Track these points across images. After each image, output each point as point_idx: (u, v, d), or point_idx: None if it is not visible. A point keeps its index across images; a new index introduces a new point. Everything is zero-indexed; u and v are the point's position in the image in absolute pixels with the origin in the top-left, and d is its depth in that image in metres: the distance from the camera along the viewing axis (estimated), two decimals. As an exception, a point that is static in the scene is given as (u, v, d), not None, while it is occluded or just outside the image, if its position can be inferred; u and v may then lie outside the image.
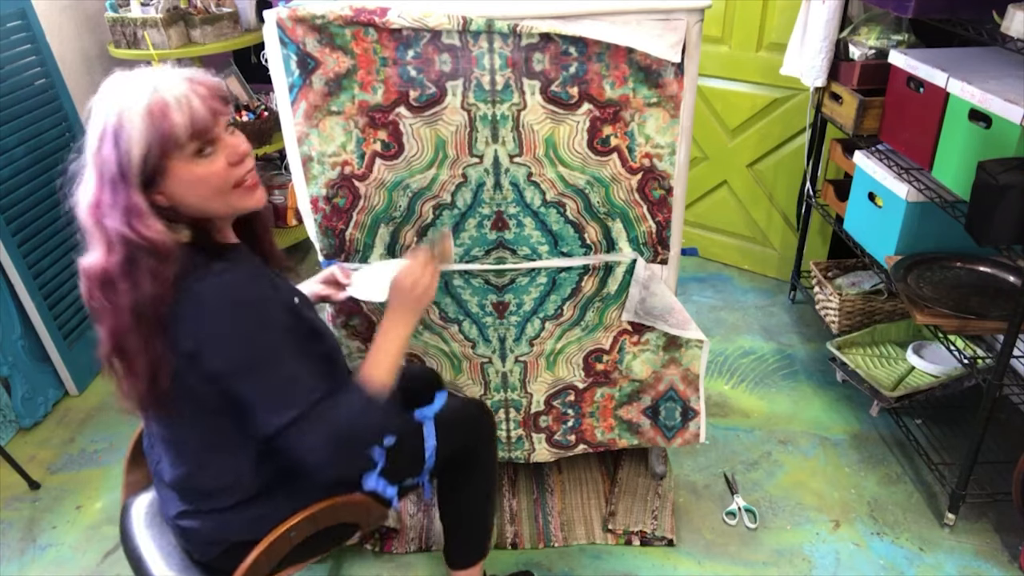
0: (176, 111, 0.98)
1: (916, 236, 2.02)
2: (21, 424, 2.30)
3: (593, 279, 1.68)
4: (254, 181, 1.10)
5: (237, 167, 1.06)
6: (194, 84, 1.02)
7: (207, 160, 1.03)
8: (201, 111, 1.00)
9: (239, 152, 1.06)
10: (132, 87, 0.99)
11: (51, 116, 2.43)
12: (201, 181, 1.03)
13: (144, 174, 0.99)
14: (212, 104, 1.02)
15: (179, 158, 1.01)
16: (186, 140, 0.99)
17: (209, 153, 1.03)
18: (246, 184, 1.08)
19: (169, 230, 1.02)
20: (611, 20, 1.41)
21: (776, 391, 2.40)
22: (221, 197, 1.06)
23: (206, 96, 1.02)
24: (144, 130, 0.97)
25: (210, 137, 1.02)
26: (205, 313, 1.01)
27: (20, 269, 2.23)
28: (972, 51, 1.98)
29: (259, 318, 1.04)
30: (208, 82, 1.05)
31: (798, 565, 1.81)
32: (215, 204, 1.06)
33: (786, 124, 2.74)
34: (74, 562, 1.87)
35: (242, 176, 1.07)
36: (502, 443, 1.89)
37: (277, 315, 1.07)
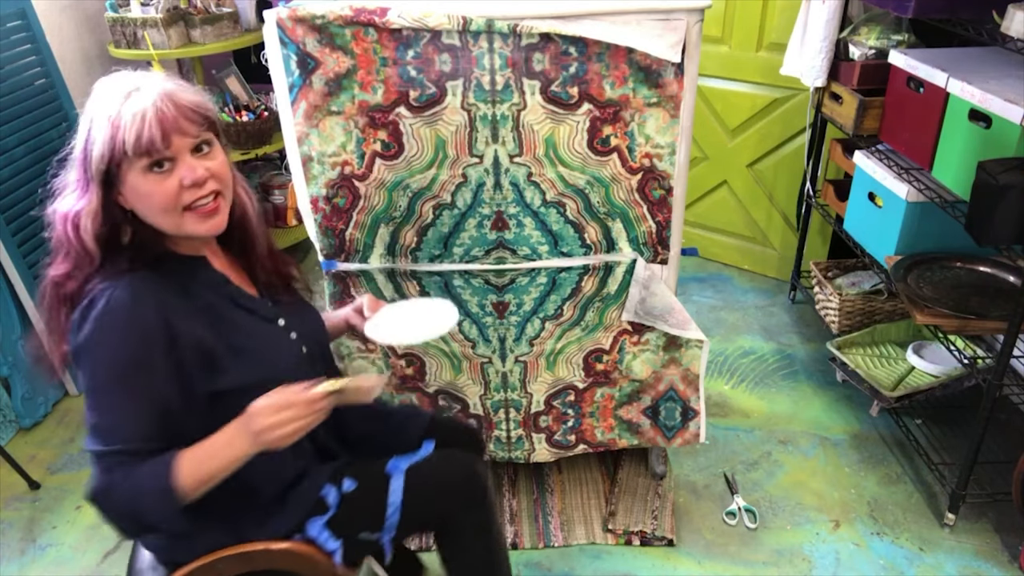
0: (128, 126, 0.98)
1: (916, 236, 2.02)
2: (21, 424, 2.30)
3: (593, 279, 1.68)
4: (210, 208, 1.07)
5: (189, 191, 1.04)
6: (164, 100, 1.01)
7: (157, 177, 1.02)
8: (150, 130, 0.98)
9: (193, 176, 1.03)
10: (109, 92, 1.02)
11: (51, 116, 2.43)
12: (147, 196, 1.02)
13: (101, 174, 1.01)
14: (177, 123, 1.01)
15: (131, 169, 1.01)
16: (132, 155, 0.99)
17: (162, 171, 1.02)
18: (199, 210, 1.06)
19: (111, 228, 1.04)
20: (611, 20, 1.41)
21: (776, 391, 2.40)
22: (167, 216, 1.04)
23: (169, 115, 1.00)
24: (103, 136, 1.00)
25: (160, 156, 1.01)
26: (82, 323, 1.01)
27: (20, 269, 2.23)
28: (972, 51, 1.98)
29: (116, 344, 1.00)
30: (183, 100, 1.03)
31: (798, 565, 1.81)
32: (162, 221, 1.05)
33: (786, 124, 2.74)
34: (74, 562, 1.87)
35: (193, 200, 1.04)
36: (502, 443, 1.89)
37: (137, 348, 1.00)
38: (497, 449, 1.90)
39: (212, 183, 1.06)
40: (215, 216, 1.08)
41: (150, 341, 1.01)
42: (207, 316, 1.09)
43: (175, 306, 1.05)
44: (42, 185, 1.12)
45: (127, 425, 1.00)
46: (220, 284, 1.15)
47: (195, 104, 1.04)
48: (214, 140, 1.09)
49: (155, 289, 1.04)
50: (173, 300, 1.05)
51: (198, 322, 1.07)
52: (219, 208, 1.09)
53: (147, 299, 1.02)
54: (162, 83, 1.03)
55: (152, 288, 1.04)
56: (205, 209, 1.06)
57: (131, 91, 1.01)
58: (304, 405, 1.01)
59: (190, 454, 1.01)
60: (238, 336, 1.12)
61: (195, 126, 1.03)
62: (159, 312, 1.02)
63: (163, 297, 1.04)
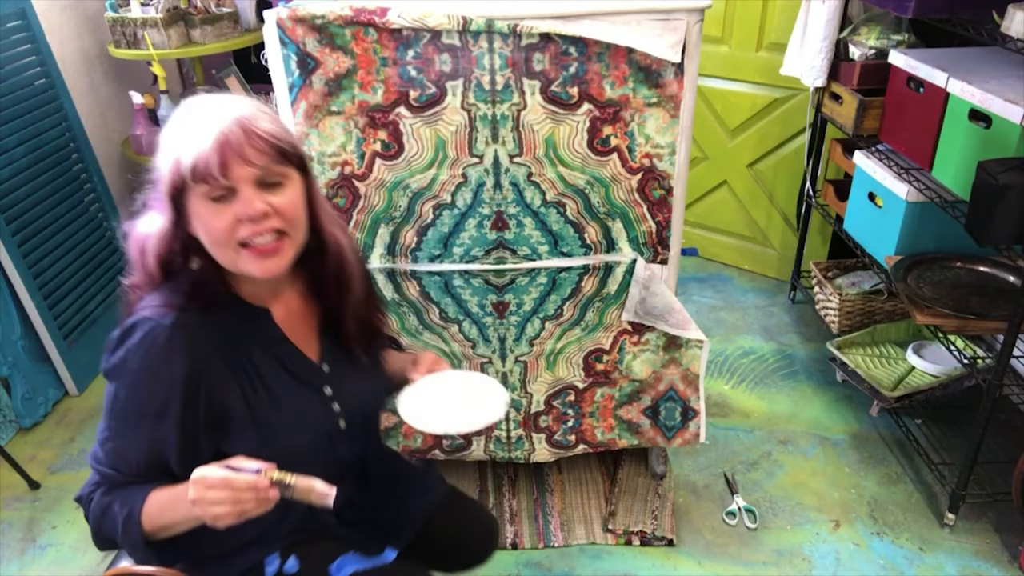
0: (189, 149, 0.91)
1: (916, 236, 2.02)
2: (21, 424, 2.30)
3: (593, 279, 1.68)
4: (268, 248, 0.96)
5: (245, 225, 0.94)
6: (234, 125, 0.92)
7: (216, 207, 0.94)
8: (208, 156, 0.90)
9: (249, 211, 0.93)
10: (187, 110, 0.96)
11: (51, 116, 2.43)
12: (204, 226, 0.95)
13: (170, 193, 0.95)
14: (241, 151, 0.92)
15: (193, 195, 0.94)
16: (189, 180, 0.92)
17: (222, 199, 0.94)
18: (256, 248, 0.96)
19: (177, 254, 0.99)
20: (611, 20, 1.41)
21: (776, 391, 2.40)
22: (222, 251, 0.97)
23: (234, 141, 0.92)
24: (169, 157, 0.93)
25: (216, 186, 0.92)
26: (116, 347, 0.98)
27: (20, 269, 2.23)
28: (972, 51, 1.98)
29: (136, 386, 0.97)
30: (255, 127, 0.93)
31: (798, 565, 1.81)
32: (219, 254, 0.97)
33: (786, 124, 2.74)
34: (74, 562, 1.87)
35: (247, 237, 0.95)
36: (502, 443, 1.89)
37: (154, 398, 0.96)
38: (497, 449, 1.90)
39: (273, 221, 0.96)
40: (274, 257, 0.98)
41: (169, 395, 0.96)
42: (242, 378, 1.02)
43: (211, 364, 0.99)
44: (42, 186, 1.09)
45: (127, 456, 0.99)
46: (273, 342, 1.07)
47: (269, 133, 0.94)
48: (291, 175, 0.98)
49: (197, 338, 0.97)
50: (211, 356, 0.99)
51: (229, 385, 1.01)
52: (280, 250, 0.98)
53: (181, 350, 0.96)
54: (241, 108, 0.95)
55: (193, 337, 0.97)
56: (263, 248, 0.96)
57: (206, 112, 0.94)
58: (245, 490, 0.90)
59: (158, 497, 0.97)
60: (266, 407, 1.04)
61: (263, 156, 0.94)
62: (190, 367, 0.96)
63: (202, 351, 0.98)
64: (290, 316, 1.10)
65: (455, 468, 2.06)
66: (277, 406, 1.05)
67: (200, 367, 0.97)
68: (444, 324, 1.73)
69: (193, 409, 0.97)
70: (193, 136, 0.92)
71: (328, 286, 1.11)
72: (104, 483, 1.01)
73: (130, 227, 1.02)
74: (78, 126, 2.55)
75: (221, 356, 1.00)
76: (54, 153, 2.43)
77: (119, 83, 2.98)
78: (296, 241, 1.01)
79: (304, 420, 1.09)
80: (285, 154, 0.96)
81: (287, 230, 0.98)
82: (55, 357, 2.39)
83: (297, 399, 1.08)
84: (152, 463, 0.99)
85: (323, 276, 1.09)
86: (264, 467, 0.92)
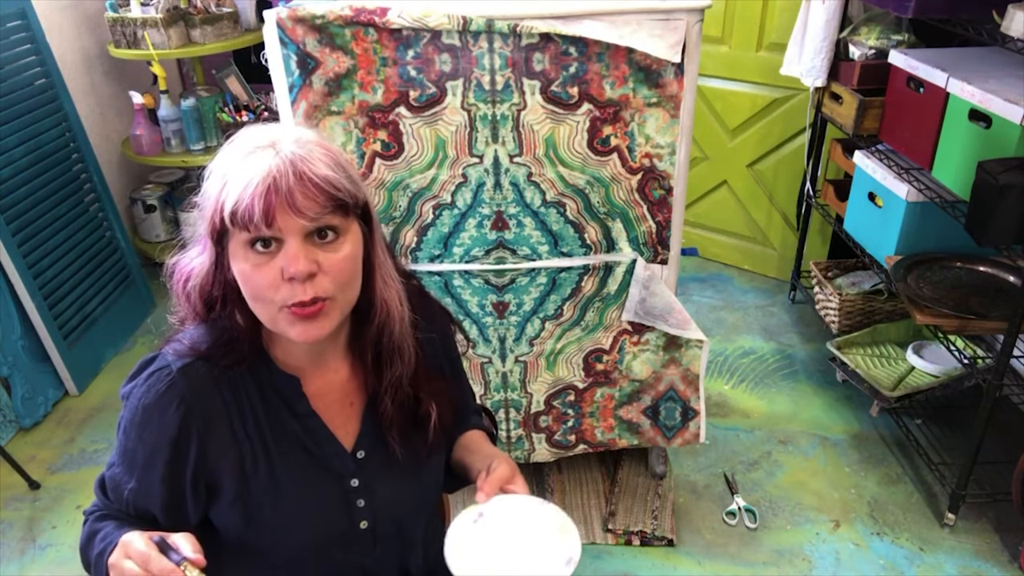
0: (233, 189, 0.79)
1: (916, 236, 2.02)
2: (21, 424, 2.30)
3: (593, 279, 1.68)
4: (308, 311, 0.82)
5: (288, 285, 0.81)
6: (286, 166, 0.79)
7: (257, 257, 0.81)
8: (252, 201, 0.78)
9: (294, 269, 0.79)
10: (239, 143, 0.84)
11: (51, 116, 2.43)
12: (244, 277, 0.83)
13: (212, 233, 0.84)
14: (291, 198, 0.78)
15: (233, 239, 0.82)
16: (229, 225, 0.80)
17: (266, 251, 0.81)
18: (295, 309, 0.82)
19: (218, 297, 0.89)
20: (611, 20, 1.41)
21: (776, 391, 2.40)
22: (261, 307, 0.84)
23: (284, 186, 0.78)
24: (212, 194, 0.82)
25: (258, 234, 0.80)
26: (135, 374, 0.92)
27: (20, 269, 2.23)
28: (972, 51, 1.98)
29: (129, 427, 0.89)
30: (310, 171, 0.80)
31: (798, 565, 1.81)
32: (257, 308, 0.85)
33: (786, 124, 2.74)
34: (74, 562, 1.87)
35: (287, 299, 0.81)
36: (502, 443, 1.89)
37: (142, 445, 0.88)
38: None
39: (320, 282, 0.82)
40: (315, 321, 0.83)
41: (157, 444, 0.88)
42: (246, 449, 0.90)
43: (211, 424, 0.88)
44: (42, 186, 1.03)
45: (120, 488, 0.92)
46: (296, 417, 0.93)
47: (325, 179, 0.80)
48: (348, 228, 0.84)
49: (202, 393, 0.88)
50: (215, 416, 0.89)
51: (227, 453, 0.89)
52: (322, 312, 0.83)
53: (178, 401, 0.87)
54: (300, 146, 0.81)
55: (199, 390, 0.88)
56: (303, 311, 0.82)
57: (259, 147, 0.81)
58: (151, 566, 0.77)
59: (126, 542, 0.83)
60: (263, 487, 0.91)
61: (316, 205, 0.79)
62: (184, 421, 0.87)
63: (204, 407, 0.88)
64: (328, 390, 0.96)
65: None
66: (278, 489, 0.91)
67: (196, 424, 0.87)
68: (444, 324, 1.73)
69: (179, 467, 0.88)
70: (239, 175, 0.79)
71: (365, 357, 0.96)
72: (102, 509, 0.96)
73: (175, 261, 0.91)
74: (78, 126, 2.55)
75: (228, 419, 0.89)
76: (54, 153, 2.43)
77: (119, 83, 2.99)
78: (343, 305, 0.87)
79: (308, 512, 0.94)
80: (343, 205, 0.82)
81: (334, 295, 0.84)
82: (55, 357, 2.39)
83: (308, 486, 0.93)
84: (140, 506, 0.91)
85: (363, 342, 0.95)
86: (193, 560, 0.78)
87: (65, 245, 2.43)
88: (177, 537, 0.80)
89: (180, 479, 0.89)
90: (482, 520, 0.95)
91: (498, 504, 0.96)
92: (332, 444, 0.95)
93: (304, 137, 0.83)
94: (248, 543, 0.90)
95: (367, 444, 0.97)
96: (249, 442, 0.90)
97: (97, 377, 2.55)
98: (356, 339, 0.96)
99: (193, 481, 0.89)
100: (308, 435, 0.93)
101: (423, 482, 1.03)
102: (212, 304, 0.90)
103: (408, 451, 0.98)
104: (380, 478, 0.97)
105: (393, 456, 0.97)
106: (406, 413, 0.98)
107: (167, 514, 0.90)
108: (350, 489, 0.95)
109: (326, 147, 0.84)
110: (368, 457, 0.97)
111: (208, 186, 0.83)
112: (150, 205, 2.95)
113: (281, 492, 0.92)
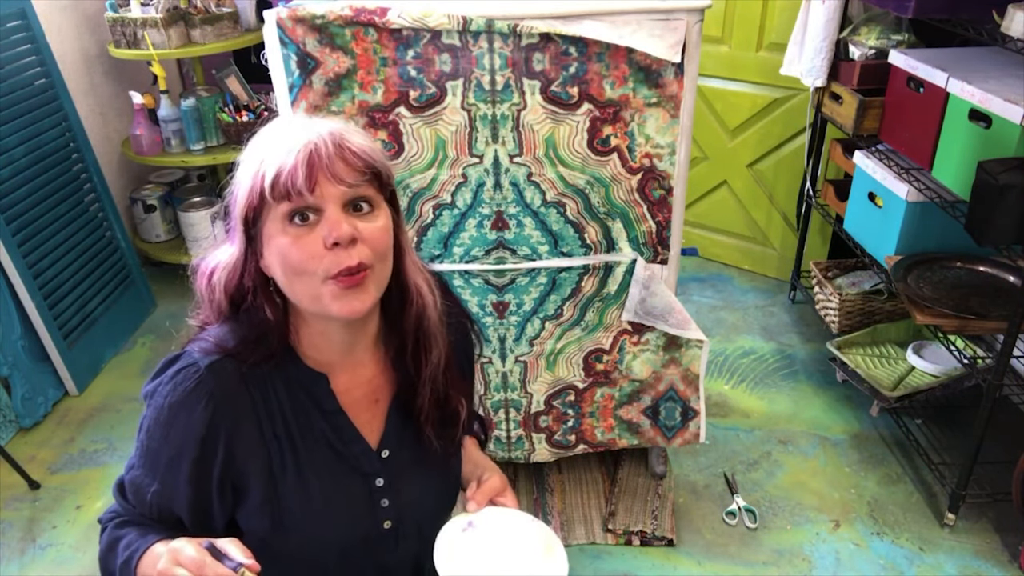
0: (272, 162, 0.80)
1: (916, 236, 2.02)
2: (21, 424, 2.30)
3: (593, 279, 1.68)
4: (349, 282, 0.81)
5: (332, 254, 0.80)
6: (324, 138, 0.81)
7: (297, 230, 0.81)
8: (294, 168, 0.79)
9: (337, 233, 0.79)
10: (271, 128, 0.85)
11: (51, 116, 2.43)
12: (283, 254, 0.82)
13: (243, 223, 0.84)
14: (331, 166, 0.80)
15: (270, 217, 0.82)
16: (271, 198, 0.80)
17: (305, 223, 0.81)
18: (339, 279, 0.81)
19: (247, 293, 0.88)
20: (611, 20, 1.41)
21: (776, 391, 2.40)
22: (304, 283, 0.83)
23: (324, 153, 0.80)
24: (247, 174, 0.83)
25: (302, 203, 0.80)
26: (158, 373, 0.90)
27: (20, 269, 2.23)
28: (972, 51, 1.98)
29: (153, 427, 0.88)
30: (347, 141, 0.82)
31: (798, 565, 1.81)
32: (299, 289, 0.84)
33: (786, 124, 2.74)
34: (74, 562, 1.87)
35: (330, 269, 0.81)
36: (502, 443, 1.89)
37: (167, 445, 0.87)
38: (497, 449, 1.90)
39: (361, 250, 0.82)
40: (358, 293, 0.83)
41: (184, 444, 0.86)
42: (274, 448, 0.89)
43: (239, 422, 0.87)
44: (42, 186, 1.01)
45: (142, 492, 0.90)
46: (324, 415, 0.92)
47: (362, 149, 0.83)
48: (380, 203, 0.85)
49: (231, 391, 0.86)
50: (243, 414, 0.87)
51: (255, 453, 0.88)
52: (364, 282, 0.83)
53: (207, 399, 0.85)
54: (332, 123, 0.84)
55: (227, 388, 0.86)
56: (350, 280, 0.81)
57: (293, 126, 0.83)
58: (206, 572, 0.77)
59: (153, 552, 0.85)
60: (292, 487, 0.90)
61: (355, 173, 0.81)
62: (213, 419, 0.85)
63: (233, 406, 0.87)
64: (355, 387, 0.95)
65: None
66: (305, 488, 0.90)
67: (224, 423, 0.86)
68: (444, 324, 1.73)
69: (207, 466, 0.87)
70: (278, 148, 0.81)
71: (404, 345, 0.94)
72: (122, 514, 0.94)
73: (199, 259, 0.91)
74: (78, 126, 2.55)
75: (256, 418, 0.88)
76: (54, 153, 2.43)
77: (119, 83, 2.99)
78: (381, 279, 0.86)
79: (336, 513, 0.93)
80: (378, 176, 0.84)
81: (373, 263, 0.83)
82: (55, 357, 2.39)
83: (334, 484, 0.93)
84: (164, 508, 0.90)
85: (401, 335, 0.94)
86: (249, 565, 0.77)
87: (65, 245, 2.43)
88: (225, 543, 0.79)
89: (207, 479, 0.87)
90: (471, 529, 0.95)
91: (488, 515, 0.97)
92: (359, 443, 0.94)
93: (335, 120, 0.86)
94: (273, 544, 0.89)
95: (392, 443, 0.97)
96: (277, 442, 0.89)
97: (97, 377, 2.55)
98: (392, 328, 0.95)
99: (220, 482, 0.88)
100: (335, 433, 0.93)
101: (447, 482, 1.03)
102: (237, 299, 0.89)
103: (439, 448, 0.98)
104: (405, 477, 0.97)
105: (417, 455, 0.97)
106: (439, 408, 0.97)
107: (193, 516, 0.89)
108: (375, 489, 0.95)
109: (356, 128, 0.86)
110: (393, 456, 0.96)
111: (240, 173, 0.83)
112: (150, 205, 2.95)
113: (309, 492, 0.91)
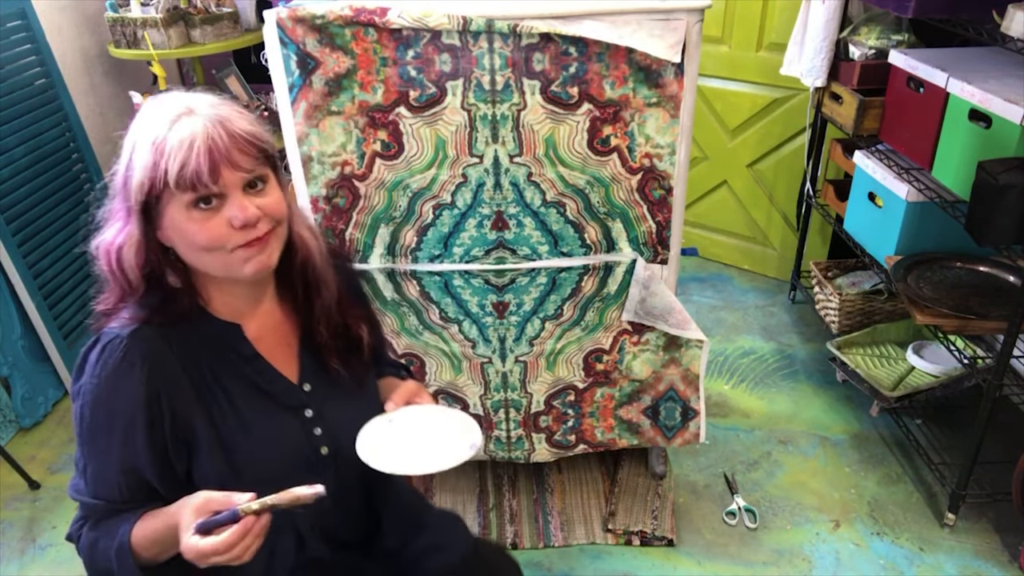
0: (173, 153, 0.85)
1: (916, 236, 2.02)
2: (21, 424, 2.30)
3: (593, 279, 1.68)
4: (258, 245, 0.92)
5: (240, 232, 0.90)
6: (217, 127, 0.87)
7: (202, 214, 0.89)
8: (197, 161, 0.85)
9: (244, 216, 0.89)
10: (157, 113, 0.90)
11: (51, 116, 2.43)
12: (189, 234, 0.89)
13: (141, 205, 0.89)
14: (229, 155, 0.88)
15: (173, 203, 0.88)
16: (175, 188, 0.86)
17: (208, 207, 0.89)
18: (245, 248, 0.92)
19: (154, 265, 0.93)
20: (611, 20, 1.41)
21: (776, 391, 2.40)
22: (213, 256, 0.92)
23: (221, 145, 0.87)
24: (145, 162, 0.87)
25: (206, 192, 0.87)
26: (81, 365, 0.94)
27: (20, 269, 2.23)
28: (972, 51, 1.98)
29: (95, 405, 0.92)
30: (237, 129, 0.89)
31: (798, 565, 1.81)
32: (207, 260, 0.92)
33: (786, 124, 2.74)
34: (74, 562, 1.87)
35: (242, 242, 0.91)
36: (502, 443, 1.89)
37: (114, 416, 0.92)
38: (497, 449, 1.90)
39: (264, 224, 0.92)
40: (264, 250, 0.93)
41: (133, 410, 0.91)
42: (209, 399, 0.97)
43: (173, 381, 0.94)
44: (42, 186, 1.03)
45: (106, 479, 0.94)
46: (244, 360, 1.00)
47: (251, 134, 0.90)
48: (270, 176, 0.94)
49: (158, 353, 0.93)
50: (175, 373, 0.94)
51: (195, 406, 0.95)
52: (267, 242, 0.93)
53: (140, 363, 0.91)
54: (216, 107, 0.90)
55: (154, 351, 0.92)
56: (254, 244, 0.92)
57: (181, 114, 0.88)
58: (236, 543, 0.84)
59: (147, 526, 0.92)
60: (235, 430, 0.97)
61: (249, 159, 0.90)
62: (149, 383, 0.91)
63: (164, 367, 0.93)
64: (266, 332, 1.04)
65: (455, 467, 2.06)
66: (246, 429, 0.98)
67: (162, 383, 0.92)
68: (444, 324, 1.73)
69: (159, 427, 0.93)
70: (175, 139, 0.86)
71: (295, 290, 1.05)
72: (90, 516, 0.97)
73: (97, 243, 0.95)
74: (78, 126, 2.55)
75: (187, 374, 0.95)
76: (54, 153, 2.43)
77: (119, 83, 2.98)
78: (281, 236, 0.97)
79: (278, 444, 1.01)
80: (267, 154, 0.93)
81: (274, 225, 0.94)
82: (55, 357, 2.39)
83: (270, 421, 1.01)
84: (133, 484, 0.94)
85: (291, 279, 1.04)
86: (241, 504, 0.85)
87: (65, 245, 2.43)
88: (211, 499, 0.86)
89: (161, 438, 0.93)
90: (392, 424, 1.06)
91: (406, 412, 1.09)
92: (280, 380, 1.03)
93: (214, 99, 0.92)
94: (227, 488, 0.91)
95: (310, 376, 1.06)
96: (210, 392, 0.97)
97: (97, 377, 2.55)
98: (284, 278, 1.04)
99: (172, 438, 0.94)
100: (259, 376, 1.01)
101: (368, 401, 1.11)
102: (147, 273, 0.94)
103: (349, 375, 1.08)
104: (329, 405, 1.06)
105: (336, 383, 1.07)
106: (339, 338, 1.08)
107: (161, 480, 0.94)
108: (306, 420, 1.04)
109: (236, 107, 0.93)
110: (314, 388, 1.06)
111: (135, 158, 0.88)
112: (150, 205, 2.94)
113: (250, 431, 0.98)
